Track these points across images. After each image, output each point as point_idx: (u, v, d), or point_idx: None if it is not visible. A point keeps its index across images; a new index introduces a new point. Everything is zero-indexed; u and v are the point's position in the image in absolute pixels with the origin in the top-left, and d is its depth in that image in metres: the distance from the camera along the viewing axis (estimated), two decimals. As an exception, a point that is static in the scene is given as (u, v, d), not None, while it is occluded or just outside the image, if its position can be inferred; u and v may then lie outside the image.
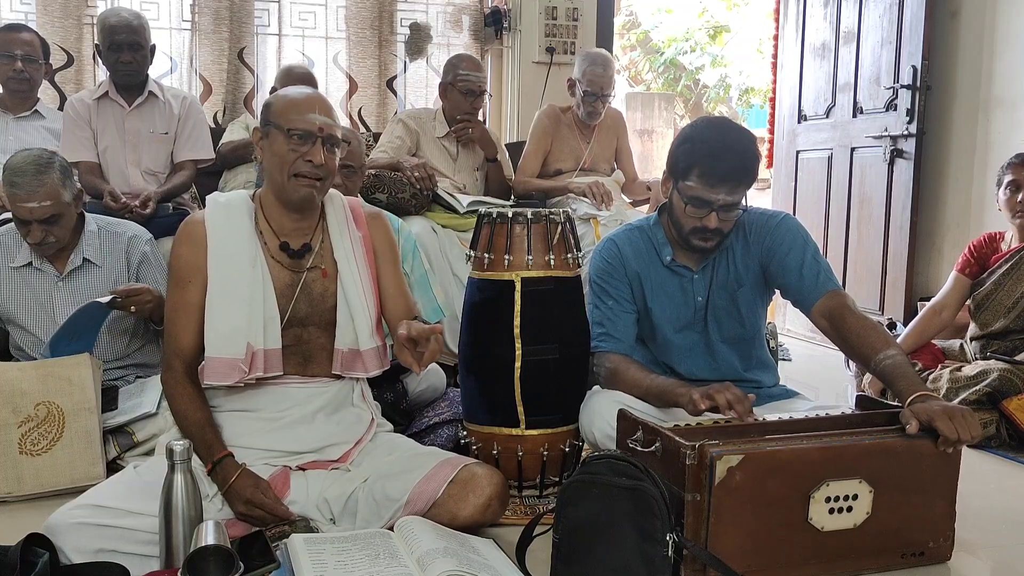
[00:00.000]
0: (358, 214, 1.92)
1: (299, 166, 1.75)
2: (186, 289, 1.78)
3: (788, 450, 1.57)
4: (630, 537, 1.47)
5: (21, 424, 2.07)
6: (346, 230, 1.87)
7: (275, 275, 1.80)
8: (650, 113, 10.08)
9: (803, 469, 1.57)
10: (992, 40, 3.75)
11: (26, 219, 2.27)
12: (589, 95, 3.43)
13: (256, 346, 1.75)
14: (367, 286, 1.85)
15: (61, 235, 2.34)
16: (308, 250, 1.83)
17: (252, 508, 1.69)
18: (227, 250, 1.77)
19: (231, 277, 1.76)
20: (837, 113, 4.34)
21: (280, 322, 1.79)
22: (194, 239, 1.79)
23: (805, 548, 1.60)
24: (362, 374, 1.85)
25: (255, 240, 1.80)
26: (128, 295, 2.25)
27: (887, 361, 1.78)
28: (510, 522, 1.88)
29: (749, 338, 2.09)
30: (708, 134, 1.93)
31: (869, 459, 1.61)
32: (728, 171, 1.88)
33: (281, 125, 1.75)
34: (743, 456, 1.51)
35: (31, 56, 3.11)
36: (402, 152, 3.28)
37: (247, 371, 1.73)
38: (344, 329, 1.83)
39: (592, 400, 2.00)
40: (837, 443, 1.61)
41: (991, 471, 2.41)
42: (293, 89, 1.85)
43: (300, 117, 1.75)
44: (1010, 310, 2.83)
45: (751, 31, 12.06)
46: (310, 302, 1.83)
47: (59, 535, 1.55)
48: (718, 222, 1.92)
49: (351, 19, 4.14)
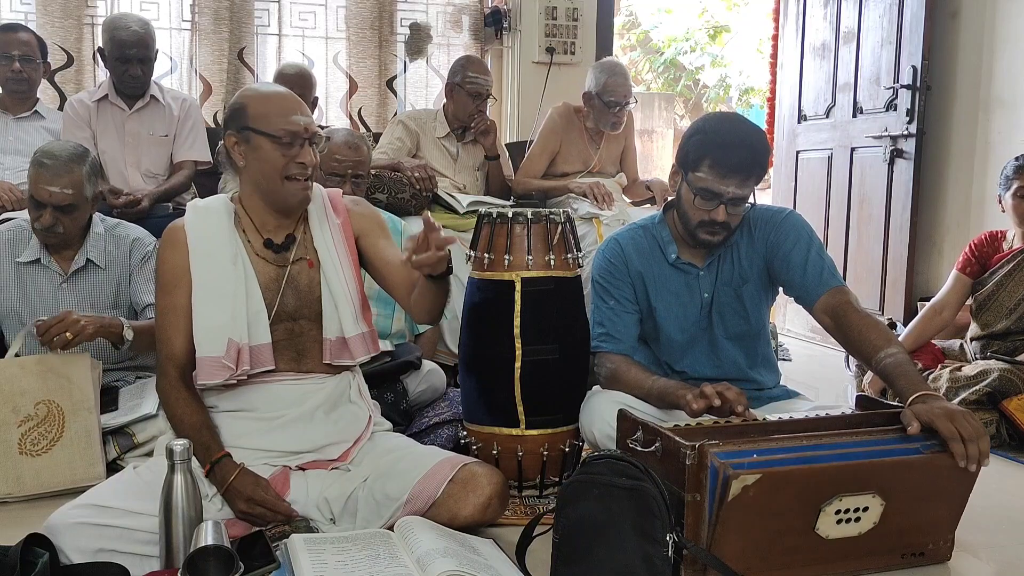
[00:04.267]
0: (335, 201, 1.92)
1: (291, 169, 1.76)
2: (173, 293, 1.79)
3: (806, 469, 1.53)
4: (630, 537, 1.47)
5: (21, 423, 2.07)
6: (325, 220, 1.87)
7: (259, 270, 1.81)
8: (650, 113, 10.08)
9: (818, 485, 1.54)
10: (992, 40, 3.75)
11: (44, 202, 2.28)
12: (613, 104, 3.39)
13: (240, 342, 1.75)
14: (348, 272, 1.85)
15: (70, 228, 2.35)
16: (292, 241, 1.84)
17: (253, 506, 1.69)
18: (207, 250, 1.78)
19: (213, 276, 1.76)
20: (837, 113, 4.33)
21: (268, 316, 1.79)
22: (176, 243, 1.80)
23: (807, 551, 1.59)
24: (350, 361, 1.85)
25: (235, 238, 1.80)
26: (51, 325, 2.03)
27: (888, 360, 1.77)
28: (510, 522, 1.88)
29: (754, 334, 2.09)
30: (720, 126, 1.93)
31: (886, 474, 1.58)
32: (739, 163, 1.88)
33: (265, 130, 1.74)
34: (760, 476, 1.48)
35: (29, 56, 3.11)
36: (402, 153, 3.29)
37: (234, 368, 1.73)
38: (330, 318, 1.84)
39: (592, 400, 2.00)
40: (855, 460, 1.56)
41: (991, 471, 2.37)
42: (263, 89, 1.85)
43: (285, 120, 1.74)
44: (1012, 311, 2.83)
45: (751, 31, 12.06)
46: (297, 294, 1.83)
47: (59, 535, 1.55)
48: (726, 215, 1.92)
49: (351, 19, 4.14)
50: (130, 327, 2.17)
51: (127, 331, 2.16)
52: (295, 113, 1.76)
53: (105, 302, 2.41)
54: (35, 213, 2.32)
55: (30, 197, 2.31)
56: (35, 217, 2.32)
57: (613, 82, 3.39)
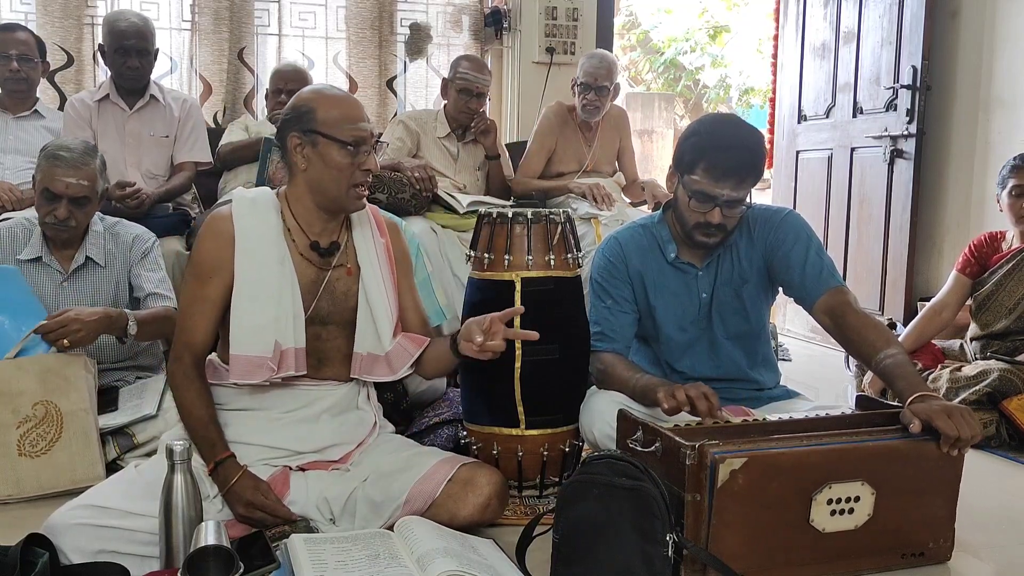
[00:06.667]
0: (379, 221, 1.93)
1: (357, 176, 1.76)
2: (207, 284, 1.77)
3: (791, 452, 1.56)
4: (630, 537, 1.47)
5: (20, 424, 2.07)
6: (370, 234, 1.88)
7: (300, 272, 1.80)
8: (650, 113, 10.09)
9: (806, 472, 1.56)
10: (992, 40, 3.75)
11: (59, 194, 2.29)
12: (584, 86, 3.41)
13: (285, 344, 1.74)
14: (390, 289, 1.86)
15: (82, 222, 2.36)
16: (337, 247, 1.83)
17: (253, 510, 1.69)
18: (255, 247, 1.76)
19: (259, 274, 1.75)
20: (837, 113, 4.33)
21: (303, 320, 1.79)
22: (221, 235, 1.77)
23: (805, 549, 1.59)
24: (388, 376, 1.85)
25: (283, 238, 1.79)
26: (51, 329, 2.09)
27: (888, 360, 1.77)
28: (510, 522, 1.88)
29: (755, 334, 2.09)
30: (716, 128, 1.94)
31: (872, 461, 1.60)
32: (734, 165, 1.88)
33: (335, 136, 1.73)
34: (746, 459, 1.51)
35: (27, 56, 3.10)
36: (402, 153, 3.29)
37: (275, 369, 1.73)
38: (364, 332, 1.83)
39: (592, 400, 2.00)
40: (840, 445, 1.60)
41: (991, 471, 2.41)
42: (331, 93, 1.82)
43: (354, 127, 1.74)
44: (1011, 311, 2.83)
45: (751, 31, 12.07)
46: (332, 300, 1.83)
47: (59, 535, 1.55)
48: (721, 217, 1.92)
49: (351, 19, 4.14)
50: (135, 320, 2.19)
51: (132, 324, 2.18)
52: (363, 120, 1.76)
53: (105, 300, 2.41)
54: (48, 207, 2.32)
55: (43, 191, 2.31)
56: (48, 211, 2.32)
57: (588, 64, 3.41)
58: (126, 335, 2.19)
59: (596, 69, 3.39)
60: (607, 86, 3.41)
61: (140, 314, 2.25)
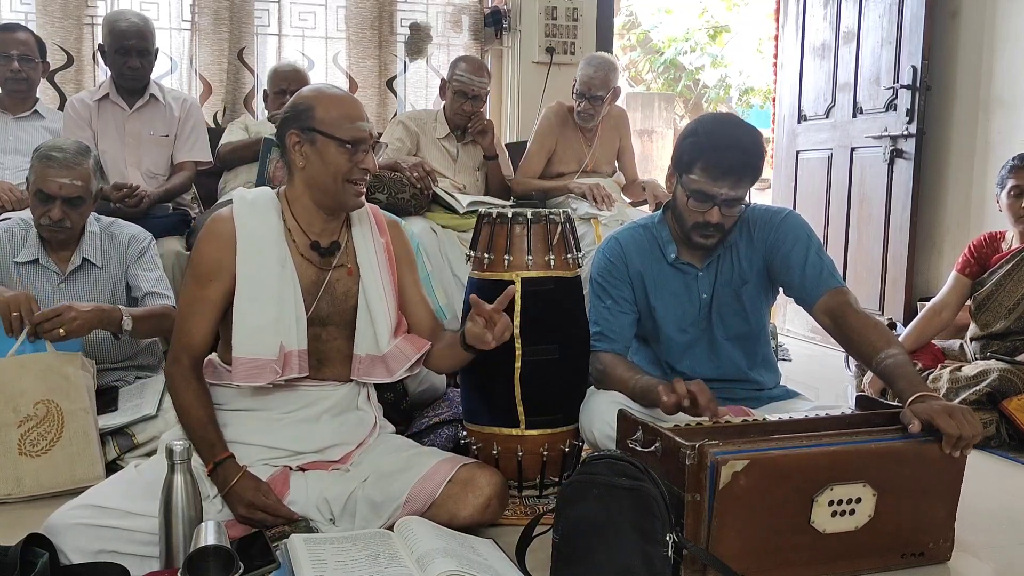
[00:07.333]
0: (379, 220, 1.93)
1: (354, 174, 1.76)
2: (207, 286, 1.77)
3: (793, 454, 1.55)
4: (630, 537, 1.47)
5: (21, 424, 2.06)
6: (369, 234, 1.88)
7: (301, 273, 1.80)
8: (650, 113, 10.10)
9: (808, 473, 1.56)
10: (992, 40, 3.75)
11: (53, 195, 2.28)
12: (579, 95, 3.42)
13: (289, 347, 1.75)
14: (388, 291, 1.85)
15: (77, 222, 2.36)
16: (337, 247, 1.83)
17: (254, 511, 1.68)
18: (257, 249, 1.76)
19: (261, 276, 1.75)
20: (837, 113, 4.33)
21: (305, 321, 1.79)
22: (222, 237, 1.77)
23: (805, 549, 1.59)
24: (386, 378, 1.85)
25: (284, 238, 1.79)
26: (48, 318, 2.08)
27: (888, 360, 1.77)
28: (510, 522, 1.88)
29: (754, 335, 2.09)
30: (714, 128, 1.93)
31: (875, 463, 1.60)
32: (732, 165, 1.88)
33: (333, 134, 1.73)
34: (748, 461, 1.50)
35: (27, 56, 3.10)
36: (402, 153, 3.29)
37: (280, 372, 1.73)
38: (363, 334, 1.83)
39: (592, 400, 2.00)
40: (843, 447, 1.59)
41: (991, 471, 2.41)
42: (330, 92, 1.82)
43: (353, 126, 1.75)
44: (1011, 311, 2.83)
45: (751, 31, 12.08)
46: (332, 301, 1.83)
47: (59, 535, 1.55)
48: (720, 217, 1.92)
49: (351, 19, 4.14)
50: (129, 316, 2.19)
51: (126, 320, 2.17)
52: (362, 119, 1.77)
53: (103, 301, 2.39)
54: (42, 208, 2.31)
55: (36, 192, 2.31)
56: (42, 212, 2.31)
57: (584, 72, 3.41)
58: (121, 331, 2.18)
59: (591, 79, 3.38)
60: (602, 96, 3.41)
61: (135, 311, 2.25)
